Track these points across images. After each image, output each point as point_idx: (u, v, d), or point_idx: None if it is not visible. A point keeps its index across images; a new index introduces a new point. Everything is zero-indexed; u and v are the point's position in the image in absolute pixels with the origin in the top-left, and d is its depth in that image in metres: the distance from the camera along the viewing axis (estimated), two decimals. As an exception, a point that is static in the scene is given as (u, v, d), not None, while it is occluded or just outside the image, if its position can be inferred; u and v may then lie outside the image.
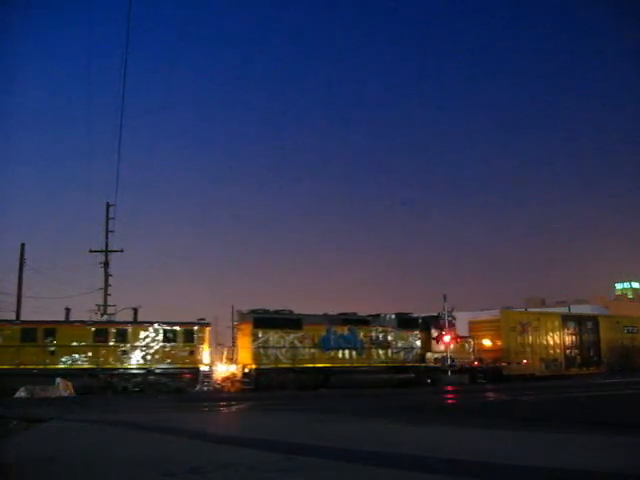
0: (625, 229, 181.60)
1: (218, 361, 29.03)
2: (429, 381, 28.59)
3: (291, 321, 27.06)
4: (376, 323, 28.59)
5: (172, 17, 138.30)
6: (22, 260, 32.68)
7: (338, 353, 27.51)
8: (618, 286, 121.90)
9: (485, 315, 36.20)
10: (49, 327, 24.20)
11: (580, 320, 35.96)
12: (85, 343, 24.33)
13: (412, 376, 28.35)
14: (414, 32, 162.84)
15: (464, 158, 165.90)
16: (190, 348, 25.42)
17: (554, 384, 26.33)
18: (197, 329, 25.77)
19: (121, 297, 46.63)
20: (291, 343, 26.72)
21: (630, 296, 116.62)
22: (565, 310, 49.96)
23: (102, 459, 6.57)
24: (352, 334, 27.86)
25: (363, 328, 28.21)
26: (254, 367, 25.84)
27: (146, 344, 25.01)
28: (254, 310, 26.97)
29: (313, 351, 27.02)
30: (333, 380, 26.69)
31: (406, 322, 29.38)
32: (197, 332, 25.67)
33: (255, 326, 26.22)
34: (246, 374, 26.17)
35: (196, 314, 27.83)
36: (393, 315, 29.23)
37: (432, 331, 29.26)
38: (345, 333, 27.75)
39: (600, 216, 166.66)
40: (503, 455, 6.32)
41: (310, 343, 27.00)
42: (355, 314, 29.01)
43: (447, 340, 28.91)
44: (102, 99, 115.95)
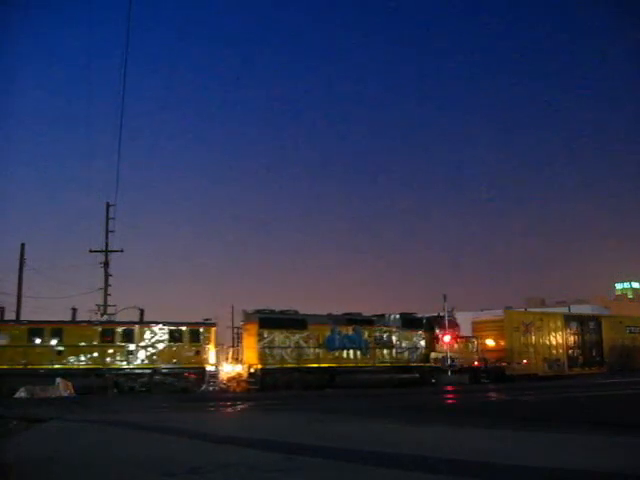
0: (625, 229, 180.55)
1: (223, 361, 29.09)
2: (433, 381, 28.59)
3: (296, 321, 27.11)
4: (381, 323, 28.61)
5: (172, 17, 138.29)
6: (22, 260, 32.65)
7: (343, 353, 27.55)
8: (618, 286, 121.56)
9: (487, 315, 36.17)
10: (56, 327, 24.31)
11: (582, 320, 35.95)
12: (92, 343, 24.44)
13: (416, 376, 28.35)
14: (414, 32, 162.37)
15: (464, 158, 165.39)
16: (196, 348, 25.51)
17: (555, 384, 26.31)
18: (203, 329, 25.87)
19: (121, 297, 46.59)
20: (296, 343, 26.78)
21: (630, 296, 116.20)
22: (565, 310, 49.76)
23: (102, 459, 6.60)
24: (357, 334, 27.88)
25: (368, 328, 28.23)
26: (260, 367, 25.90)
27: (152, 344, 25.11)
28: (260, 310, 27.03)
29: (318, 351, 27.06)
30: (338, 380, 26.72)
31: (410, 322, 29.39)
32: (203, 332, 25.78)
33: (261, 326, 26.28)
34: (252, 374, 26.21)
35: (196, 314, 27.96)
36: (397, 315, 29.23)
37: (436, 331, 29.26)
38: (350, 333, 27.77)
39: (600, 216, 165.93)
40: (503, 455, 6.30)
41: (315, 343, 27.04)
42: (360, 314, 29.02)
43: (447, 340, 28.92)
44: (102, 99, 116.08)
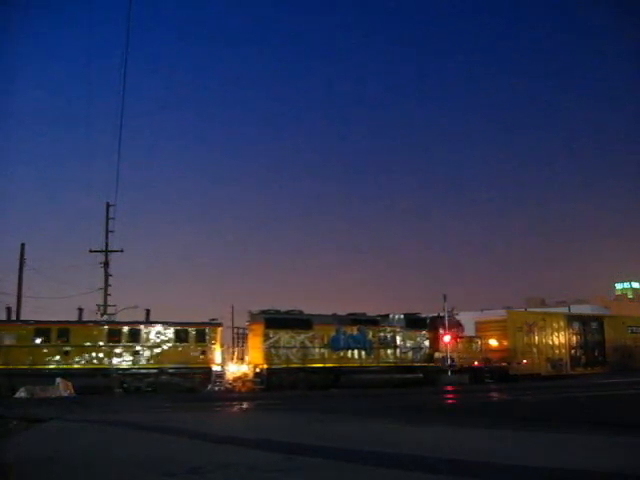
0: (625, 229, 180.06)
1: (229, 361, 29.15)
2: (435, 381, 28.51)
3: (301, 321, 27.15)
4: (385, 323, 28.61)
5: (172, 17, 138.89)
6: (22, 260, 32.70)
7: (348, 353, 27.57)
8: (618, 286, 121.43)
9: (489, 315, 36.10)
10: (63, 327, 24.40)
11: (585, 320, 35.93)
12: (98, 343, 24.53)
13: (420, 376, 28.32)
14: (414, 32, 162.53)
15: (464, 158, 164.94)
16: (202, 348, 25.56)
17: (556, 384, 26.21)
18: (209, 329, 25.93)
19: (121, 297, 46.84)
20: (302, 343, 26.82)
21: (630, 296, 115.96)
22: (565, 310, 49.65)
23: (102, 459, 6.61)
24: (361, 334, 27.88)
25: (372, 328, 28.23)
26: (265, 367, 25.98)
27: (159, 344, 25.18)
28: (265, 311, 27.10)
29: (323, 351, 27.09)
30: (343, 380, 26.72)
31: (414, 322, 29.37)
32: (209, 332, 25.83)
33: (266, 326, 26.35)
34: (257, 374, 26.31)
35: (196, 314, 28.07)
36: (401, 315, 29.23)
37: (440, 331, 29.20)
38: (354, 333, 27.78)
39: (600, 216, 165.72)
40: (503, 455, 6.28)
41: (320, 343, 27.07)
42: (364, 314, 29.03)
43: (447, 340, 28.88)
44: (102, 99, 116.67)
